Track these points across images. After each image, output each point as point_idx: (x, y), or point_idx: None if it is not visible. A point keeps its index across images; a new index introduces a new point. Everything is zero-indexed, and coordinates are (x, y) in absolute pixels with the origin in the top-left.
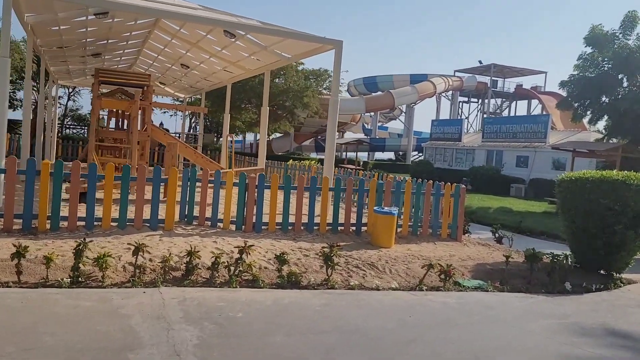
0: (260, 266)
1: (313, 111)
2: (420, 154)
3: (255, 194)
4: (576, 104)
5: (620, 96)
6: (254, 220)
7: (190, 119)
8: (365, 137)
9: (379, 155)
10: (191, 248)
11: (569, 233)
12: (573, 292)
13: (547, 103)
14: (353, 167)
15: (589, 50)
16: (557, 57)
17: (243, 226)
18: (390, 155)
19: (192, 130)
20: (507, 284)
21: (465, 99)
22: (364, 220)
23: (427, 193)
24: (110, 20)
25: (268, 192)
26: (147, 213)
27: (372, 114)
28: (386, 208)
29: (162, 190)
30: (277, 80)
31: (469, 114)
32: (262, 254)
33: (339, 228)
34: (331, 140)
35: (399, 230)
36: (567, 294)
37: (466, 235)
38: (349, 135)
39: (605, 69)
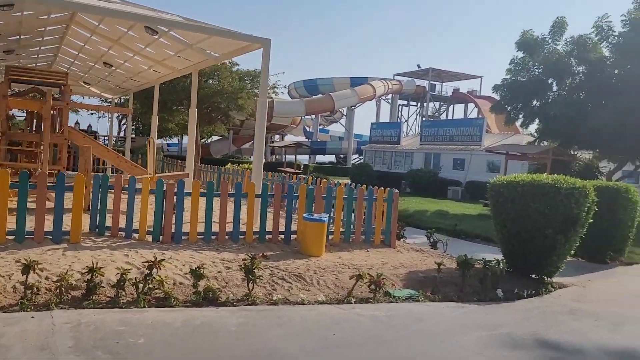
0: (175, 281)
1: (248, 113)
2: (361, 157)
3: (176, 201)
4: (509, 108)
5: (550, 100)
6: (173, 231)
7: (120, 121)
8: (307, 139)
9: (320, 158)
10: (93, 264)
11: (501, 237)
12: (505, 299)
13: (483, 107)
14: (292, 170)
15: (520, 54)
16: (492, 62)
17: (161, 237)
18: (331, 158)
19: (124, 133)
20: (439, 293)
21: (405, 102)
22: (294, 227)
23: (359, 198)
24: (20, 14)
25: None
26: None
27: (313, 116)
28: (316, 215)
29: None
30: (210, 81)
31: (408, 117)
32: (179, 268)
33: (267, 237)
34: (259, 143)
35: (330, 237)
36: (499, 301)
37: (401, 240)
38: (290, 138)
39: (536, 73)
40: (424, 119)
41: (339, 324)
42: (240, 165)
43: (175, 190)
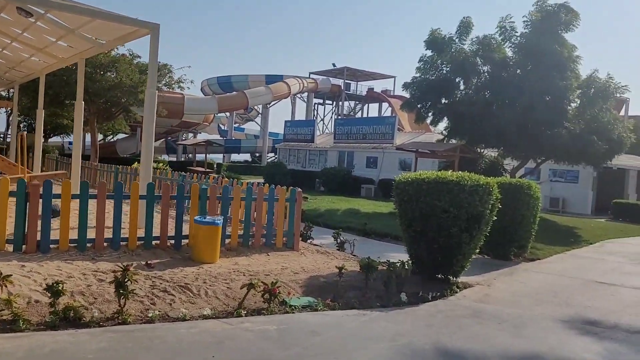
0: (31, 300)
1: None
2: (277, 156)
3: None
4: (419, 105)
5: (457, 99)
6: (38, 238)
7: (8, 117)
8: (221, 138)
9: (235, 157)
10: None
11: (407, 237)
12: (409, 303)
13: (396, 106)
14: (202, 169)
15: (429, 53)
16: (406, 62)
17: (24, 246)
18: (247, 157)
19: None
20: (340, 299)
21: (320, 100)
22: (187, 231)
23: (259, 198)
24: None
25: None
26: None
27: (228, 114)
28: (209, 217)
29: None
30: (108, 73)
31: (324, 116)
32: (38, 283)
33: (154, 242)
34: (148, 139)
35: (227, 241)
36: (402, 306)
37: (308, 242)
38: (204, 137)
39: (444, 72)
40: (338, 117)
41: (222, 342)
42: None
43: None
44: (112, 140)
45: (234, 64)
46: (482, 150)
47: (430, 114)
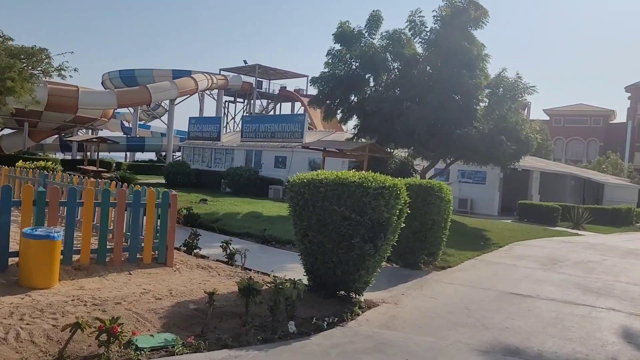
0: None
1: (25, 99)
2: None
3: None
4: (327, 102)
5: (367, 95)
6: None
7: None
8: (124, 135)
9: (140, 156)
10: None
11: (303, 248)
12: (300, 334)
13: (309, 105)
14: (94, 169)
15: (338, 47)
16: (318, 61)
17: None
18: (151, 155)
19: None
20: (210, 334)
21: (232, 98)
22: (15, 247)
23: (119, 203)
24: None
25: None
26: None
27: (132, 111)
28: (41, 230)
29: None
30: None
31: (235, 114)
32: None
33: None
34: None
35: (76, 258)
36: (291, 339)
37: (195, 252)
38: (106, 134)
39: (354, 67)
40: (245, 115)
41: None
42: (36, 162)
43: None
44: None
45: (140, 60)
46: (392, 150)
47: (339, 111)
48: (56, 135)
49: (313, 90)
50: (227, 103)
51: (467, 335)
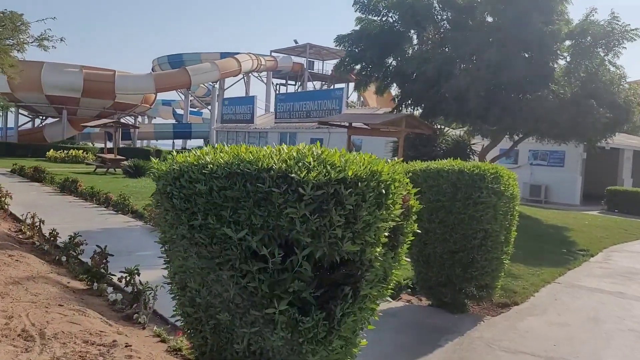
0: None
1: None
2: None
3: None
4: (358, 67)
5: (408, 56)
6: None
7: None
8: (177, 123)
9: (191, 143)
10: None
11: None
12: None
13: (369, 87)
14: (112, 156)
15: None
16: None
17: None
18: (201, 142)
19: None
20: None
21: (283, 81)
22: None
23: None
24: None
25: None
26: None
27: (183, 97)
28: None
29: None
30: None
31: None
32: None
33: None
34: None
35: None
36: None
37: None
38: (159, 121)
39: (391, 20)
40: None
41: None
42: (66, 152)
43: None
44: (41, 125)
45: (195, 43)
46: (441, 127)
47: (374, 77)
48: (98, 122)
49: (342, 53)
50: (278, 86)
51: None
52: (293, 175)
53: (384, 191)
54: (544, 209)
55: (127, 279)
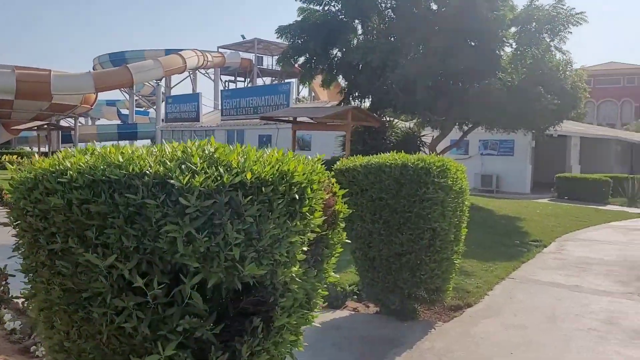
0: None
1: None
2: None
3: None
4: (301, 59)
5: (353, 47)
6: None
7: None
8: (122, 123)
9: (138, 144)
10: None
11: None
12: None
13: (317, 81)
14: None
15: None
16: None
17: None
18: (147, 142)
19: None
20: None
21: (232, 78)
22: None
23: None
24: None
25: None
26: None
27: (128, 97)
28: None
29: None
30: None
31: None
32: None
33: None
34: None
35: None
36: None
37: None
38: (104, 122)
39: (334, 10)
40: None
41: None
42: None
43: None
44: None
45: (140, 42)
46: (391, 119)
47: (319, 69)
48: (33, 126)
49: (272, 40)
50: (226, 83)
51: None
52: (173, 181)
53: (297, 196)
54: (496, 199)
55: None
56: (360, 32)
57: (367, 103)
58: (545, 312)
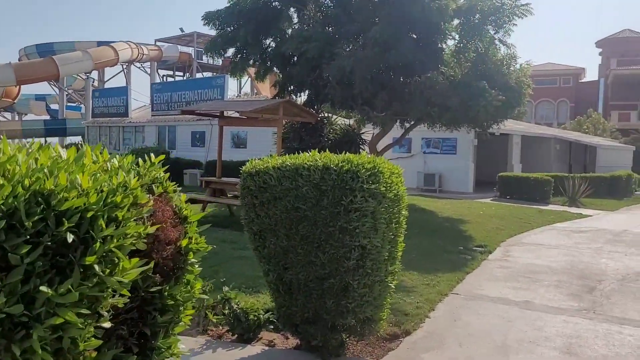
0: None
1: None
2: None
3: None
4: (232, 49)
5: (288, 37)
6: None
7: None
8: (52, 118)
9: (72, 140)
10: None
11: None
12: None
13: (252, 75)
14: None
15: None
16: None
17: None
18: (78, 139)
19: None
20: None
21: (170, 72)
22: None
23: None
24: None
25: None
26: None
27: (58, 91)
28: None
29: None
30: None
31: None
32: None
33: None
34: None
35: None
36: None
37: None
38: (30, 118)
39: None
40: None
41: None
42: None
43: None
44: None
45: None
46: (329, 115)
47: (251, 60)
48: None
49: (211, 33)
50: (164, 77)
51: None
52: None
53: (70, 237)
54: (439, 199)
55: None
56: (295, 20)
57: (303, 97)
58: (496, 340)
